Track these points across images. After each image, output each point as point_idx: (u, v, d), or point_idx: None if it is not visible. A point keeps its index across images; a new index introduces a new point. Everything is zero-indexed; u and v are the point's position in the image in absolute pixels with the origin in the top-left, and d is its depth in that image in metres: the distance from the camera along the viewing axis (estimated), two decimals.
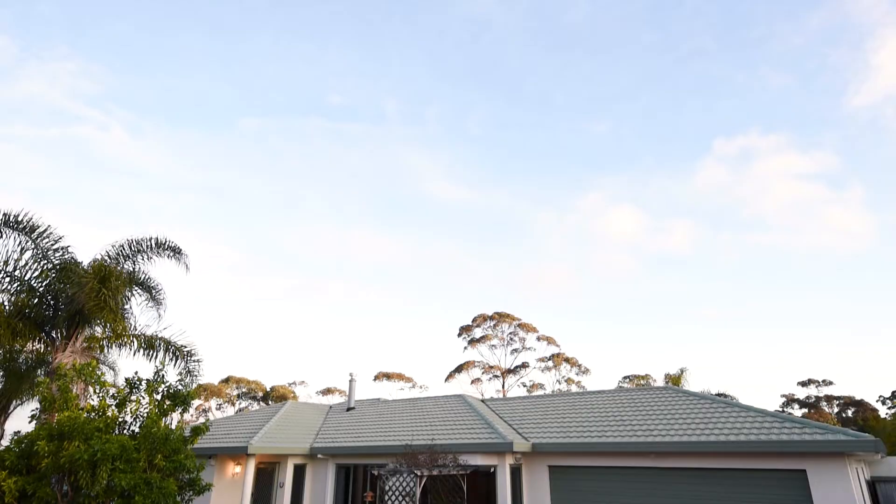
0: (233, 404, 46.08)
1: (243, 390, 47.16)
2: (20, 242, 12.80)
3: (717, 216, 56.25)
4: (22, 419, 15.13)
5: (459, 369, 44.60)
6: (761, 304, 60.59)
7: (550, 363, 44.20)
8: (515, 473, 13.44)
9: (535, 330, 44.85)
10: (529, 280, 66.42)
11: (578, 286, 64.35)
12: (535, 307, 74.24)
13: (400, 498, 10.54)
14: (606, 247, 62.93)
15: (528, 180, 59.85)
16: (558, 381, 43.43)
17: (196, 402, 43.80)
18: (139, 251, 13.98)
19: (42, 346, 14.04)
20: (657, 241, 58.60)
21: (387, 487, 10.75)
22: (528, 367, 44.56)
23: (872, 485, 13.65)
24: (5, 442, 12.27)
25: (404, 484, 10.63)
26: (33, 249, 12.92)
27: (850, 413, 43.19)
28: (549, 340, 44.61)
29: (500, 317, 44.94)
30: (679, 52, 47.38)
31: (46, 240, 13.07)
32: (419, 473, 10.71)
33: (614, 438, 12.58)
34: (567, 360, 44.18)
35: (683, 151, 55.82)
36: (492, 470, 13.10)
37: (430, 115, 55.29)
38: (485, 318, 45.21)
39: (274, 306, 74.10)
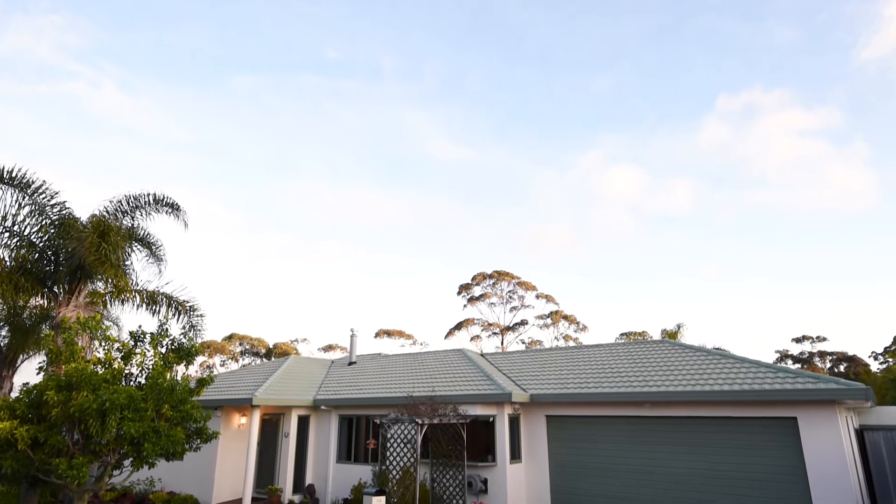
0: (236, 361, 46.92)
1: (246, 347, 47.92)
2: (16, 198, 12.74)
3: (717, 175, 55.84)
4: (29, 373, 15.41)
5: (459, 327, 45.23)
6: (759, 263, 60.93)
7: (549, 320, 44.80)
8: (514, 423, 13.81)
9: (534, 288, 45.27)
10: (529, 239, 66.52)
11: (577, 245, 64.50)
12: (534, 266, 74.61)
13: (401, 445, 10.87)
14: (606, 205, 62.73)
15: (527, 139, 59.11)
16: (556, 338, 44.13)
17: (200, 359, 44.58)
18: (137, 207, 13.93)
19: (45, 301, 14.16)
20: (657, 199, 58.39)
21: (389, 435, 11.07)
22: (526, 324, 45.20)
23: (860, 433, 14.06)
24: (14, 394, 12.51)
25: (406, 432, 10.94)
26: (30, 205, 12.87)
27: (842, 368, 44.05)
28: (548, 298, 45.08)
29: (500, 275, 45.25)
30: (683, 5, 45.95)
31: (42, 195, 12.99)
32: (420, 422, 11.00)
33: (611, 389, 12.86)
34: (566, 317, 44.74)
35: (686, 108, 54.94)
36: (491, 420, 13.46)
37: (428, 72, 54.06)
38: (484, 276, 45.54)
39: (274, 265, 74.44)
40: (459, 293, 45.93)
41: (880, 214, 55.38)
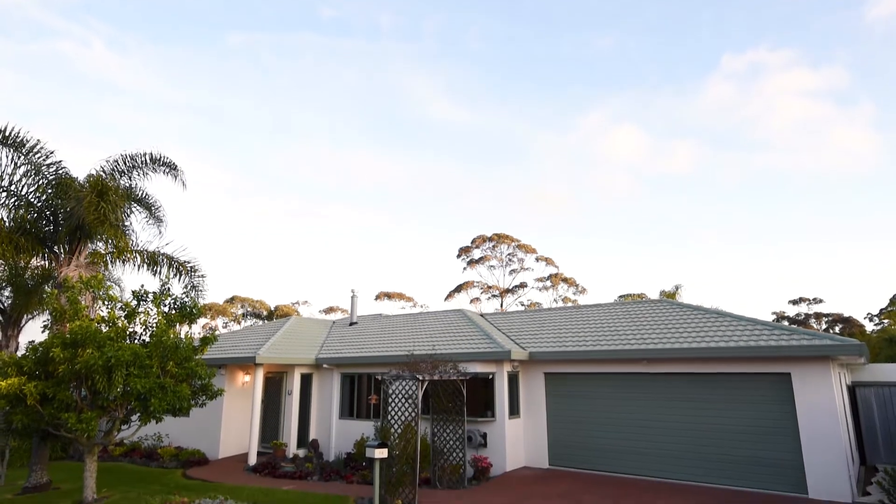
0: (238, 323, 47.44)
1: (248, 310, 48.37)
2: (12, 158, 12.62)
3: (720, 136, 55.16)
4: (33, 333, 15.59)
5: (459, 289, 45.54)
6: (758, 226, 60.87)
7: (548, 283, 45.07)
8: (513, 380, 14.07)
9: (533, 251, 45.37)
10: (529, 201, 66.25)
11: (578, 208, 64.29)
12: (534, 228, 74.54)
13: (403, 401, 11.09)
14: (607, 168, 62.21)
15: (528, 99, 58.09)
16: (556, 301, 44.47)
17: (203, 321, 45.03)
18: (134, 167, 13.82)
19: (46, 262, 14.22)
20: (658, 162, 57.84)
21: (390, 391, 11.28)
22: (526, 286, 45.50)
23: (853, 389, 14.36)
24: (21, 354, 12.67)
25: (407, 388, 11.15)
26: (26, 165, 12.77)
27: (837, 329, 44.59)
28: (548, 261, 45.22)
29: (499, 238, 45.27)
30: None
31: (38, 155, 12.88)
32: (421, 378, 11.20)
33: (608, 347, 13.04)
34: (565, 279, 44.99)
35: (690, 68, 53.80)
36: (490, 377, 13.71)
37: (427, 31, 52.67)
38: (484, 239, 45.57)
39: (274, 228, 74.40)
40: (459, 256, 46.08)
41: (882, 176, 55.03)
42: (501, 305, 45.30)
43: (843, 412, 11.08)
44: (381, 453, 10.37)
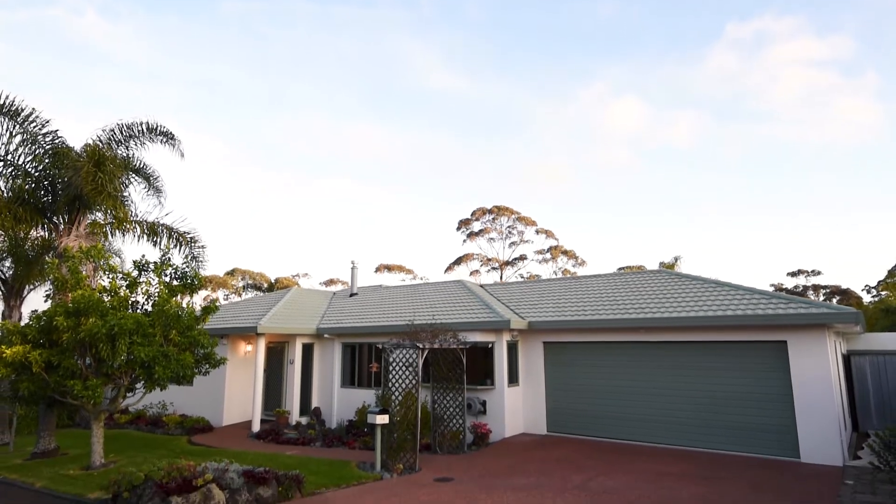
0: (239, 295, 47.67)
1: (248, 282, 48.57)
2: (7, 126, 12.51)
3: (722, 107, 54.52)
4: (36, 304, 15.68)
5: (458, 262, 45.63)
6: (759, 198, 60.63)
7: (548, 255, 45.13)
8: (512, 349, 14.23)
9: (533, 223, 45.30)
10: (529, 174, 65.86)
11: (578, 180, 63.95)
12: (533, 201, 74.26)
13: (403, 369, 11.24)
14: (607, 140, 61.66)
15: (528, 69, 57.20)
16: (555, 273, 44.59)
17: (203, 293, 45.24)
18: (131, 136, 13.70)
19: (46, 232, 14.22)
20: (659, 134, 57.30)
21: (391, 360, 11.42)
22: (525, 259, 45.57)
23: (848, 358, 14.54)
24: (24, 323, 12.77)
25: (407, 356, 11.29)
26: (22, 134, 12.65)
27: (834, 301, 44.84)
28: (548, 233, 45.21)
29: (499, 210, 45.15)
30: None
31: (34, 124, 12.76)
32: (421, 346, 11.33)
33: (607, 316, 13.15)
34: (565, 252, 45.05)
35: (693, 36, 52.80)
36: (490, 346, 13.86)
37: None
38: (483, 211, 45.44)
39: (273, 200, 74.12)
40: (459, 228, 46.02)
41: (885, 147, 54.60)
42: (501, 278, 45.46)
43: (837, 380, 11.24)
44: (383, 419, 10.57)
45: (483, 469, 10.41)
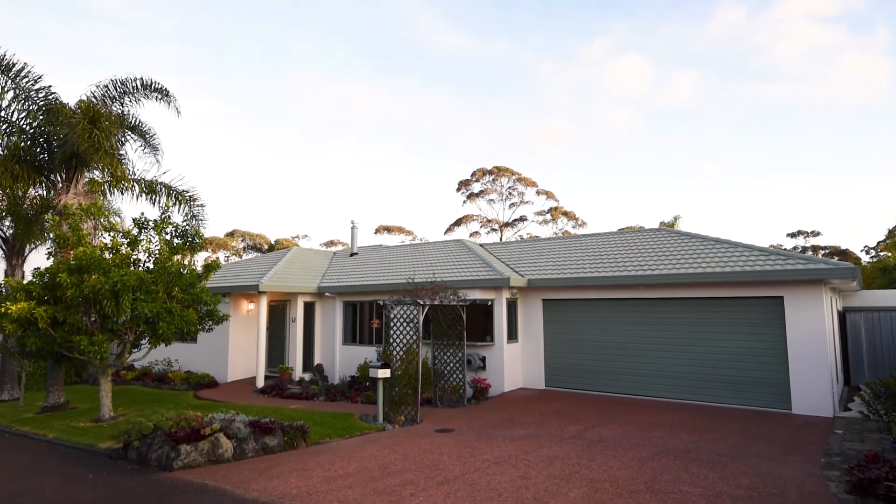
0: (239, 256, 47.83)
1: (248, 243, 48.65)
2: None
3: (727, 66, 53.37)
4: (37, 263, 15.72)
5: (458, 223, 45.61)
6: (759, 159, 60.10)
7: (548, 216, 45.07)
8: (511, 306, 14.39)
9: (534, 184, 45.06)
10: (529, 134, 65.05)
11: (579, 141, 63.22)
12: (534, 162, 73.63)
13: (404, 325, 11.39)
14: (609, 100, 60.62)
15: (529, 25, 55.70)
16: (555, 234, 44.63)
17: (204, 255, 45.37)
18: (125, 93, 13.47)
19: (44, 191, 14.16)
20: (662, 93, 56.28)
21: (392, 316, 11.56)
22: (525, 220, 45.54)
23: (843, 315, 14.72)
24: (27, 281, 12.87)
25: (408, 313, 11.42)
26: (14, 89, 12.45)
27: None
28: (548, 195, 45.02)
29: (499, 171, 44.82)
30: None
31: (26, 79, 12.53)
32: (422, 303, 11.45)
33: (606, 273, 13.24)
34: (565, 213, 44.96)
35: None
36: (489, 303, 14.01)
37: None
38: (483, 172, 45.12)
39: (272, 161, 73.50)
40: (459, 190, 45.81)
41: (890, 106, 53.73)
42: (501, 239, 45.51)
43: (831, 335, 11.41)
44: (384, 373, 10.78)
45: (483, 421, 10.69)
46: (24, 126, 12.72)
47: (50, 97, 12.75)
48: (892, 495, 4.54)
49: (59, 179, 13.13)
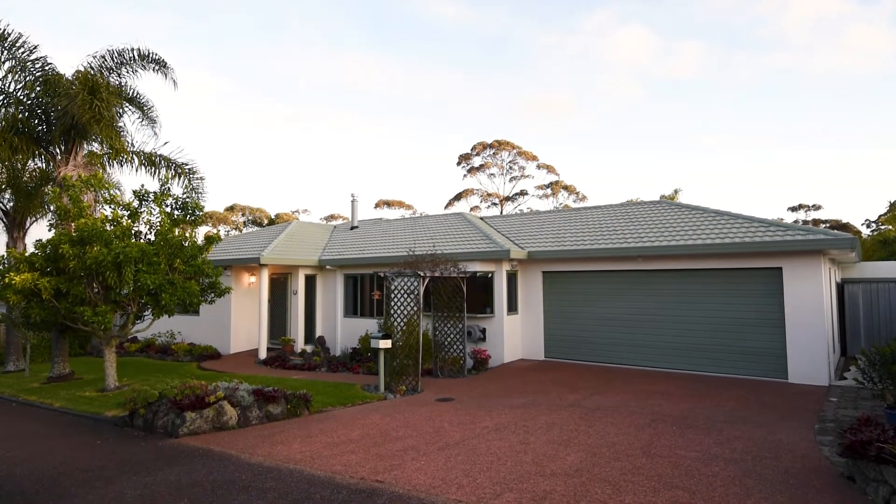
0: (239, 230, 47.84)
1: (248, 218, 48.60)
2: None
3: (731, 36, 52.44)
4: (38, 236, 15.77)
5: (458, 197, 45.46)
6: (761, 131, 59.53)
7: (549, 190, 44.89)
8: (511, 279, 14.47)
9: (534, 158, 44.75)
10: (530, 107, 64.34)
11: (580, 114, 62.55)
12: (535, 135, 72.99)
13: (405, 296, 11.47)
14: (610, 72, 59.74)
15: None
16: (556, 208, 44.52)
17: (204, 229, 45.40)
18: (122, 63, 13.30)
19: (44, 163, 14.11)
20: (665, 65, 55.44)
21: (392, 287, 11.63)
22: (526, 194, 45.36)
23: (842, 286, 14.80)
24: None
25: (409, 284, 11.49)
26: (10, 60, 12.30)
27: None
28: (549, 168, 44.75)
29: (500, 144, 44.47)
30: None
31: (22, 50, 12.37)
32: (422, 275, 11.52)
33: (605, 245, 13.26)
34: (565, 187, 44.77)
35: None
36: (490, 275, 14.08)
37: None
38: (484, 146, 44.78)
39: (271, 135, 72.92)
40: (459, 163, 45.53)
41: (894, 77, 52.96)
42: (501, 213, 45.41)
43: (829, 306, 11.49)
44: (386, 344, 10.91)
45: (482, 390, 10.85)
46: (22, 97, 12.60)
47: (46, 68, 12.60)
48: (882, 456, 4.64)
49: (59, 151, 13.07)
